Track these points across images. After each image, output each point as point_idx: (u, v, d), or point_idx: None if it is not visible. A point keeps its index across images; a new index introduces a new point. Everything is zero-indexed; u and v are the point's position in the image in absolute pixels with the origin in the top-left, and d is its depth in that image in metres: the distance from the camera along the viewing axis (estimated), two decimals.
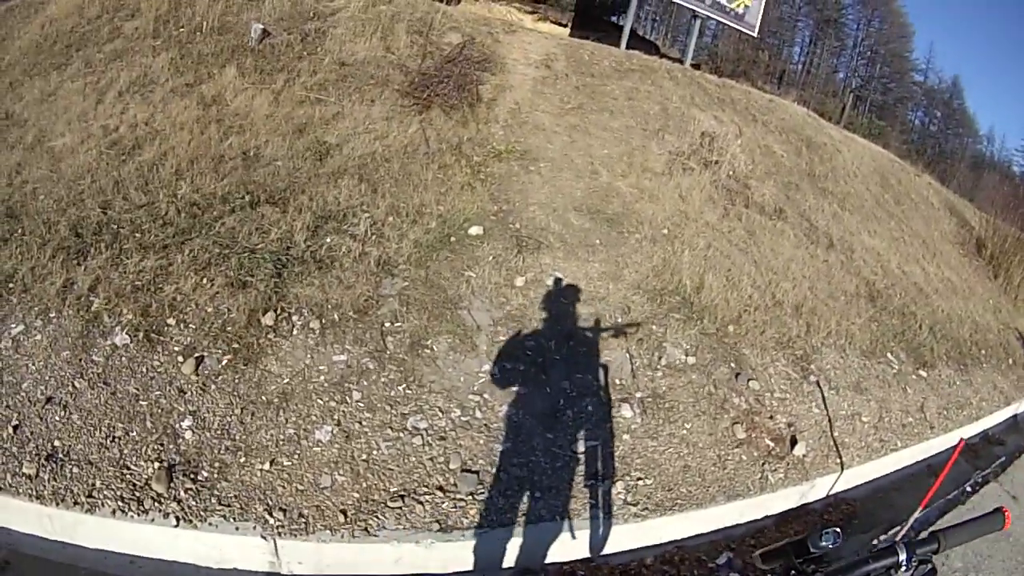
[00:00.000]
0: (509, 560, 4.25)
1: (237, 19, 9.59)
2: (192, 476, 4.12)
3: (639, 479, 4.84)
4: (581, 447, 4.92)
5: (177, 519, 3.91)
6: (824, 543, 1.33)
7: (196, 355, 4.76)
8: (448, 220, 6.76)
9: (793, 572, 1.40)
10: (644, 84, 10.74)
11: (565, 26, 16.54)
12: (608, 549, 4.55)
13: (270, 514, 4.04)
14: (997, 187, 22.86)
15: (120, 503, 3.91)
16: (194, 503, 4.00)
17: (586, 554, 4.48)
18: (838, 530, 1.33)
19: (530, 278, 6.20)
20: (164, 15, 9.43)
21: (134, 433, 4.24)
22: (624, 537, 4.60)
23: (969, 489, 6.51)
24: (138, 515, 3.87)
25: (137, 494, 3.97)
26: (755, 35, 15.59)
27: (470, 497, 4.39)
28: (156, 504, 3.94)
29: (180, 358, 4.74)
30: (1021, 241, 12.81)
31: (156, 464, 4.11)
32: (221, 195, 6.20)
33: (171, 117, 7.42)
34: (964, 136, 38.77)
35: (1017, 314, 11.58)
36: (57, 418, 4.28)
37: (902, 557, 1.32)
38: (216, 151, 6.99)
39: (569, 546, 4.41)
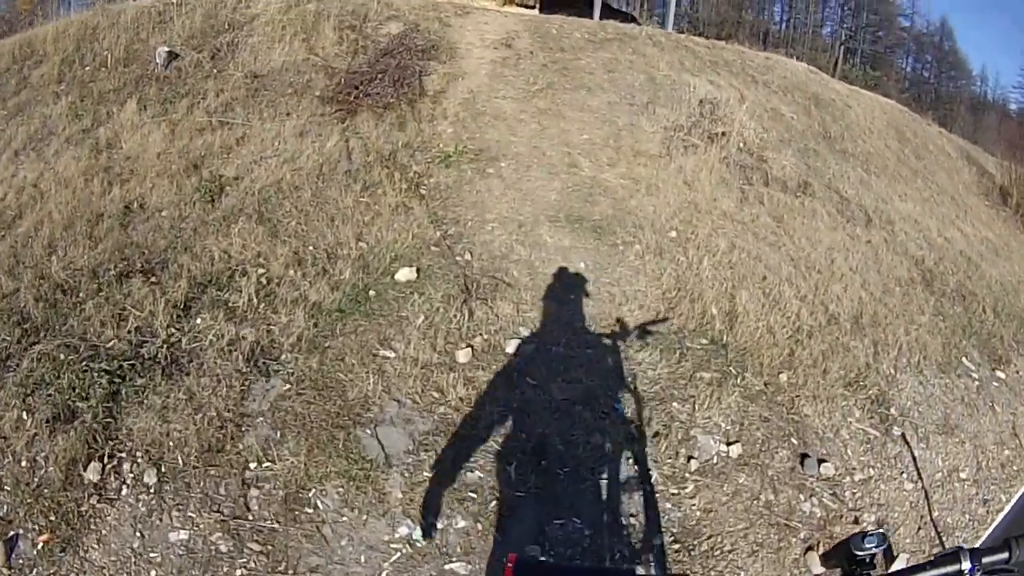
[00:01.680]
0: None
1: (144, 46, 7.47)
2: None
3: None
4: None
5: None
6: (868, 546, 1.09)
7: (10, 535, 2.90)
8: (369, 263, 4.42)
9: None
10: (624, 53, 8.16)
11: (532, 7, 13.87)
12: None
13: None
14: (1001, 127, 20.73)
15: None
16: None
17: None
18: (883, 532, 1.09)
19: (481, 346, 3.80)
20: (71, 56, 7.46)
21: None
22: None
23: None
24: None
25: None
26: None
27: None
28: None
29: None
30: None
31: None
32: (91, 268, 4.42)
33: (59, 173, 5.66)
34: (958, 79, 35.20)
35: None
36: None
37: (965, 566, 0.99)
38: (96, 208, 5.17)
39: None
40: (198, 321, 3.85)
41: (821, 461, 3.67)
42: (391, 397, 3.39)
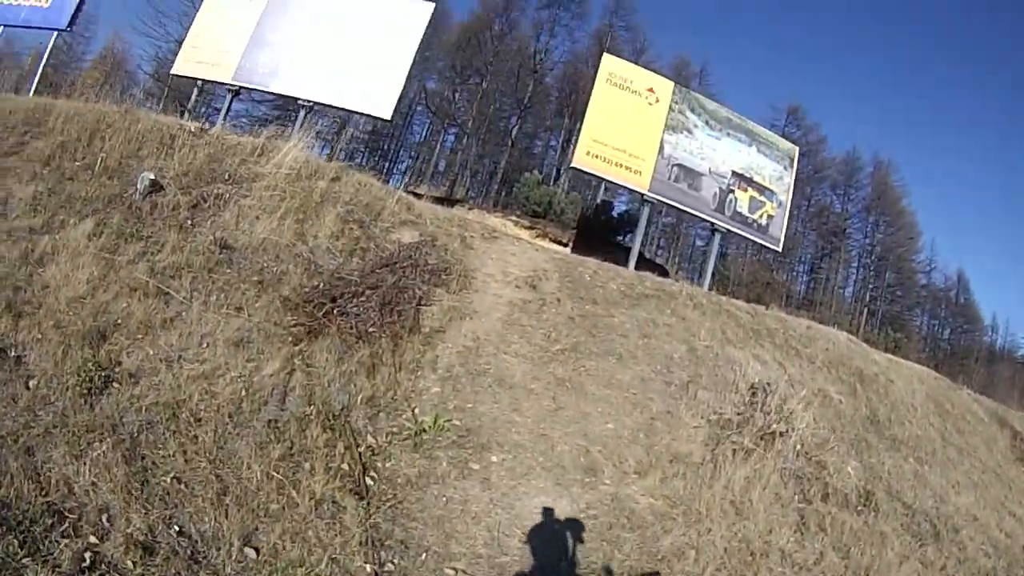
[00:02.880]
0: None
1: (139, 164, 6.21)
2: None
3: None
4: None
5: None
6: None
7: None
8: None
9: None
10: (662, 315, 6.70)
11: (566, 245, 12.87)
12: None
13: None
14: (1016, 378, 20.16)
15: None
16: None
17: None
18: None
19: None
20: (71, 142, 6.26)
21: None
22: None
23: None
24: None
25: None
26: (779, 249, 11.87)
27: None
28: None
29: None
30: None
31: None
32: None
33: None
34: (972, 331, 33.90)
35: None
36: None
37: None
38: None
39: None
40: None
41: None
42: None
